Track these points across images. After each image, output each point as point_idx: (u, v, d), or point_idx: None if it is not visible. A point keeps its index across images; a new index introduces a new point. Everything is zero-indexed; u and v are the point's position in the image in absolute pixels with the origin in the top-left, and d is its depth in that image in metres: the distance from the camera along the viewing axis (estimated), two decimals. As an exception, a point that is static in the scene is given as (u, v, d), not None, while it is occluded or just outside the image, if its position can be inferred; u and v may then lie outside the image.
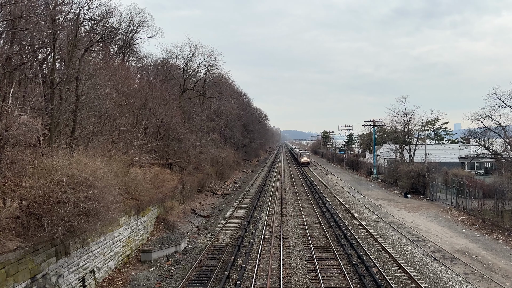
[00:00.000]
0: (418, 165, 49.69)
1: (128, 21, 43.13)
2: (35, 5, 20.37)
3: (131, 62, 49.22)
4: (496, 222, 30.13)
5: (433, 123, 75.71)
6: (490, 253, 24.12)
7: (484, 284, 19.10)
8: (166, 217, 29.77)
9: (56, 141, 19.43)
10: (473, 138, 46.65)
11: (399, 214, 36.52)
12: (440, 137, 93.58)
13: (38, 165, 15.33)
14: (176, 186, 33.22)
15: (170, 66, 57.93)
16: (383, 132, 78.55)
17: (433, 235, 28.61)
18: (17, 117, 14.73)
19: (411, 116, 60.55)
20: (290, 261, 22.45)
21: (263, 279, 19.68)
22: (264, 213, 36.32)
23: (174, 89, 52.89)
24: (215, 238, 27.61)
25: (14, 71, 19.55)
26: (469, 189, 35.66)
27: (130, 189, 22.91)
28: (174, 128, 38.83)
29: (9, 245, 12.56)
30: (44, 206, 13.73)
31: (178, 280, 19.50)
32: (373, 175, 67.36)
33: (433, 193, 44.45)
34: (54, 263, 14.83)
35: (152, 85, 40.29)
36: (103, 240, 19.06)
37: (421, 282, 19.14)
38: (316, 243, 26.19)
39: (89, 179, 14.87)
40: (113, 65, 35.69)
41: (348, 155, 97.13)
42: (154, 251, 22.76)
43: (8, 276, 12.28)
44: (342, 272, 20.46)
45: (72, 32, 22.92)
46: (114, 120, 27.53)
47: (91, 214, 14.74)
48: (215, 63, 60.00)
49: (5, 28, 18.94)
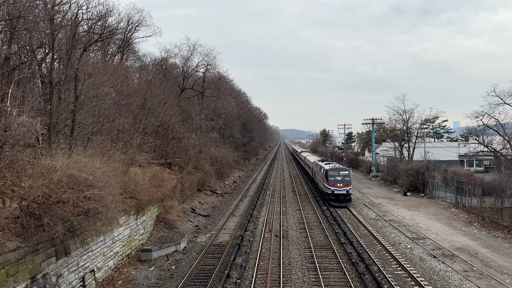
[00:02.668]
0: (418, 163, 49.73)
1: (127, 21, 43.06)
2: (33, 4, 20.33)
3: (130, 61, 49.16)
4: (495, 220, 30.17)
5: (432, 121, 75.73)
6: (490, 251, 24.15)
7: (483, 282, 19.13)
8: (166, 217, 29.76)
9: (55, 141, 19.39)
10: (472, 136, 46.69)
11: (399, 212, 36.54)
12: (439, 135, 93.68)
13: (37, 165, 15.31)
14: (176, 185, 33.20)
15: (169, 66, 57.85)
16: (382, 130, 78.61)
17: (432, 233, 28.65)
18: (16, 117, 14.70)
19: (410, 114, 60.68)
20: (290, 260, 22.47)
21: (263, 277, 19.69)
22: (264, 212, 36.33)
23: (173, 88, 52.84)
24: (215, 237, 27.62)
25: (13, 71, 19.50)
26: (468, 187, 35.71)
27: (129, 189, 22.88)
28: (173, 127, 38.80)
29: (9, 245, 12.55)
30: (44, 206, 13.71)
31: (178, 279, 19.51)
32: (372, 174, 67.41)
33: (433, 191, 44.50)
34: (54, 263, 14.82)
35: (151, 84, 40.23)
36: (103, 240, 19.05)
37: (421, 280, 19.16)
38: (316, 242, 26.21)
39: (88, 178, 14.86)
40: (112, 65, 35.62)
41: (347, 154, 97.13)
42: (154, 250, 22.76)
43: (8, 276, 12.27)
44: (342, 270, 20.48)
45: (70, 32, 22.87)
46: (113, 119, 27.50)
47: (91, 214, 14.73)
48: (214, 62, 60.05)
49: (3, 28, 18.88)
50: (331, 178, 38.51)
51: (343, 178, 38.47)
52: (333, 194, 38.12)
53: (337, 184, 38.12)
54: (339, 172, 39.43)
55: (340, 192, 37.95)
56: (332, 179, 38.47)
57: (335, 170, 40.05)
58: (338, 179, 38.37)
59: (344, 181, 38.25)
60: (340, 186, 38.06)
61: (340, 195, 37.92)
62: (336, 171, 39.59)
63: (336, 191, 38.01)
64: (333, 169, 40.42)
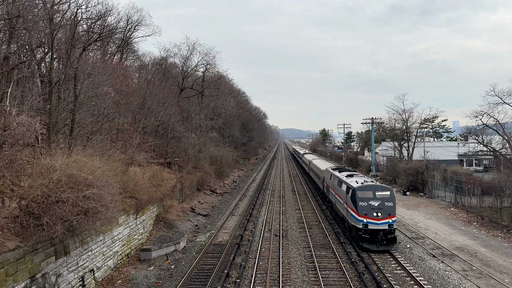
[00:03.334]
0: (417, 163, 49.77)
1: (126, 20, 43.04)
2: (33, 4, 20.33)
3: (129, 61, 49.13)
4: (494, 219, 30.20)
5: (432, 121, 75.82)
6: (489, 250, 24.18)
7: (483, 281, 19.15)
8: (166, 216, 29.77)
9: (54, 140, 19.39)
10: (472, 136, 46.70)
11: (398, 211, 36.54)
12: (439, 134, 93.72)
13: (36, 164, 15.31)
14: (175, 185, 33.20)
15: (168, 65, 57.83)
16: (382, 130, 78.65)
17: (432, 232, 28.67)
18: (16, 117, 14.70)
19: (409, 114, 60.77)
20: (290, 259, 22.48)
21: (263, 277, 19.70)
22: (264, 212, 36.35)
23: (173, 88, 52.83)
24: (215, 237, 27.62)
25: (12, 70, 19.50)
26: (467, 186, 35.73)
27: (129, 188, 22.88)
28: (173, 127, 38.80)
29: (8, 244, 12.55)
30: (43, 206, 13.71)
31: (178, 279, 19.51)
32: (372, 173, 67.42)
33: (432, 191, 44.53)
34: (53, 263, 14.82)
35: (151, 84, 40.23)
36: (102, 239, 19.05)
37: (420, 279, 19.18)
38: (315, 241, 26.22)
39: (88, 178, 14.85)
40: (111, 64, 35.59)
41: (347, 153, 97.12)
42: (153, 250, 22.77)
43: (7, 276, 12.26)
44: (342, 269, 20.50)
45: (70, 31, 22.85)
46: (113, 119, 27.48)
47: (90, 213, 14.72)
48: (213, 62, 60.01)
49: (2, 27, 18.87)
50: (363, 204, 24.33)
51: (382, 203, 24.24)
52: (366, 229, 23.99)
53: (373, 213, 23.95)
54: (375, 194, 24.84)
55: (379, 227, 23.80)
56: (364, 204, 24.30)
57: (369, 189, 25.33)
58: (375, 205, 24.16)
59: (385, 208, 24.09)
60: (378, 217, 23.83)
61: (378, 231, 23.85)
62: (370, 191, 25.04)
63: (371, 224, 23.85)
64: (365, 187, 25.60)
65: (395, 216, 24.24)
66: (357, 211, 24.39)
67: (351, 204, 25.52)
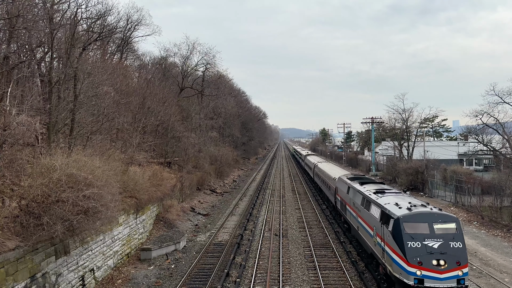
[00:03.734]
0: (417, 162, 49.76)
1: (126, 20, 43.01)
2: (33, 3, 20.30)
3: (129, 60, 49.12)
4: (494, 219, 30.21)
5: (432, 120, 75.85)
6: (489, 249, 24.18)
7: (482, 280, 19.15)
8: (166, 216, 29.77)
9: (54, 140, 19.38)
10: (472, 135, 46.69)
11: (398, 211, 36.53)
12: (439, 134, 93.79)
13: (36, 164, 15.31)
14: (175, 184, 33.20)
15: (168, 65, 57.79)
16: (382, 129, 78.64)
17: (432, 231, 28.65)
18: (15, 116, 14.70)
19: (409, 113, 60.77)
20: (290, 259, 22.49)
21: (263, 276, 19.71)
22: (264, 211, 36.35)
23: (173, 87, 52.80)
24: (215, 236, 27.63)
25: (12, 70, 19.49)
26: (467, 186, 35.74)
27: (129, 188, 22.89)
28: (173, 126, 38.80)
29: (8, 244, 12.55)
30: (43, 205, 13.71)
31: (178, 279, 19.52)
32: (372, 173, 67.42)
33: (432, 190, 44.52)
34: (53, 262, 14.82)
35: (150, 83, 40.22)
36: (102, 239, 19.05)
37: (420, 279, 19.15)
38: (315, 241, 26.23)
39: (88, 178, 14.85)
40: (111, 64, 35.59)
41: (347, 153, 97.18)
42: (153, 249, 22.77)
43: (7, 276, 12.27)
44: (342, 269, 20.51)
45: (70, 31, 22.83)
46: (113, 118, 27.48)
47: (90, 213, 14.73)
48: (213, 61, 59.94)
49: (2, 27, 18.86)
50: (414, 245, 15.17)
51: (446, 244, 15.16)
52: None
53: (432, 260, 14.81)
54: (432, 227, 15.58)
55: (443, 284, 14.63)
56: (415, 246, 15.16)
57: (422, 219, 15.89)
58: (434, 247, 15.05)
59: (451, 251, 15.02)
60: (441, 268, 14.69)
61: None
62: (424, 224, 15.71)
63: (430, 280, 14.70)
64: (416, 216, 16.06)
65: (467, 265, 14.95)
66: (405, 257, 15.03)
67: (391, 242, 16.18)
